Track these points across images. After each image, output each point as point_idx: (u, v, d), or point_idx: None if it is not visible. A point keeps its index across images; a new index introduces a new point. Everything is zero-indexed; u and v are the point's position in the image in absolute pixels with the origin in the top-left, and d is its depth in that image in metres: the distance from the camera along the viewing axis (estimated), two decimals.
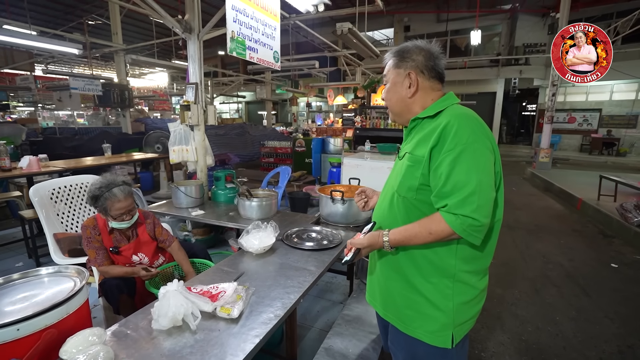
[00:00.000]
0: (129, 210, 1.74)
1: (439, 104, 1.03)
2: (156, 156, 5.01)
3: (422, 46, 1.05)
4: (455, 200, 0.90)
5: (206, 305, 1.27)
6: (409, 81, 1.05)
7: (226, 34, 1.98)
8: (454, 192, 0.90)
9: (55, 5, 10.05)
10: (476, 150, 0.91)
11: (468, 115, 0.97)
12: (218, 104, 20.46)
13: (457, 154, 0.90)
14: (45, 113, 13.34)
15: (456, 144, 0.91)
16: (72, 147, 6.02)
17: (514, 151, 14.25)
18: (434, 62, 1.04)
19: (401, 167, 1.06)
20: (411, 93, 1.05)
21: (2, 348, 1.02)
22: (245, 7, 2.03)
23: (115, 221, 1.73)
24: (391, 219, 1.10)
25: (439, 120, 0.97)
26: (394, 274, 1.11)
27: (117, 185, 1.70)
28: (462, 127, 0.92)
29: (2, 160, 3.14)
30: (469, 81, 13.97)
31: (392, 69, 1.08)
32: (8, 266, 3.07)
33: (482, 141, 0.93)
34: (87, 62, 7.53)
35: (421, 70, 1.04)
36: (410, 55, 1.05)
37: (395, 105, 1.11)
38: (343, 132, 7.61)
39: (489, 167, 0.93)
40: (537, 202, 6.04)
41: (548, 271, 3.29)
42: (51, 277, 1.31)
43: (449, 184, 0.91)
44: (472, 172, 0.90)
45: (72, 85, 6.23)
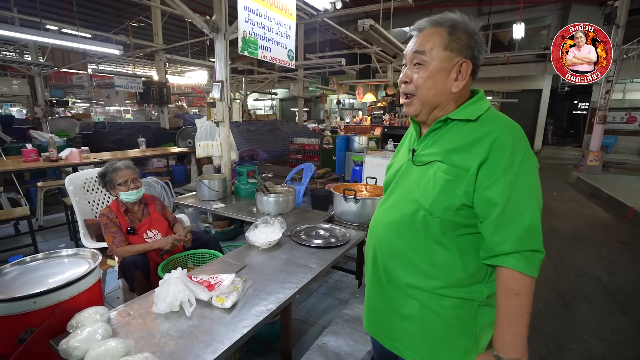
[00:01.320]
0: (133, 179, 1.99)
1: (476, 105, 0.85)
2: (186, 150, 5.27)
3: (473, 28, 0.84)
4: (518, 234, 0.77)
5: (203, 293, 1.34)
6: (457, 72, 0.84)
7: (243, 33, 2.05)
8: (514, 223, 0.77)
9: (108, 10, 10.93)
10: (530, 171, 0.79)
11: (517, 128, 0.83)
12: (252, 101, 21.03)
13: (515, 175, 0.77)
14: (98, 109, 14.56)
15: (512, 164, 0.77)
16: (116, 140, 6.51)
17: (561, 153, 13.20)
18: (480, 51, 0.85)
19: (430, 179, 0.85)
20: (458, 88, 0.85)
21: (21, 317, 1.15)
22: (258, 7, 2.08)
23: (123, 192, 1.95)
24: (410, 241, 0.89)
25: (485, 129, 0.81)
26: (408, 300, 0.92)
27: (119, 162, 2.02)
28: (518, 143, 0.79)
29: (51, 151, 3.50)
30: (510, 78, 13.12)
31: (440, 49, 0.82)
32: (52, 246, 3.42)
33: (533, 159, 0.81)
34: (133, 60, 8.11)
35: (473, 61, 0.84)
36: (466, 36, 0.82)
37: (434, 97, 0.86)
38: (371, 130, 7.51)
39: (539, 188, 0.82)
40: (580, 210, 5.56)
41: (582, 285, 3.04)
42: (70, 259, 1.44)
43: (507, 212, 0.77)
44: (532, 197, 0.78)
45: (117, 83, 6.75)
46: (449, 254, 0.85)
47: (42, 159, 3.61)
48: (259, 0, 2.10)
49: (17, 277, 1.30)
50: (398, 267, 0.92)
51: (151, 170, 5.86)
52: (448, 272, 0.86)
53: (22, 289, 1.22)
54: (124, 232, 1.91)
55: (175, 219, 2.23)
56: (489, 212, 0.78)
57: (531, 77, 13.16)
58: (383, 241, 0.95)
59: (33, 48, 7.35)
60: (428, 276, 0.87)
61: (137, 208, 2.05)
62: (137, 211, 2.05)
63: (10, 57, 9.18)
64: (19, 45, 9.22)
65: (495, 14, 12.71)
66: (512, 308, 0.78)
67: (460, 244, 0.85)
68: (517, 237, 0.76)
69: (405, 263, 0.90)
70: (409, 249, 0.89)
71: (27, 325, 1.15)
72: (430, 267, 0.87)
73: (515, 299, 0.78)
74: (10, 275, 1.31)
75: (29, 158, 3.56)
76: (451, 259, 0.85)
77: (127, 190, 1.97)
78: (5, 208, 3.51)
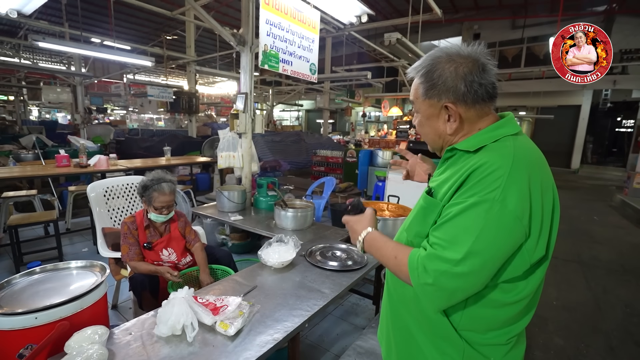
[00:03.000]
0: (168, 206, 1.94)
1: (485, 134, 0.77)
2: (209, 160, 5.35)
3: (457, 56, 0.76)
4: (435, 251, 0.72)
5: (207, 317, 1.26)
6: (447, 114, 0.79)
7: (263, 47, 2.03)
8: (442, 242, 0.72)
9: (148, 24, 11.63)
10: (499, 214, 0.66)
11: (519, 163, 0.69)
12: (278, 112, 21.39)
13: (471, 205, 0.68)
14: (133, 116, 15.35)
15: (478, 192, 0.68)
16: (146, 147, 6.76)
17: (601, 173, 12.31)
18: (482, 78, 0.74)
19: (416, 205, 0.88)
20: (452, 129, 0.80)
21: (22, 333, 1.12)
22: (281, 21, 2.05)
23: (155, 213, 1.90)
24: None
25: (474, 160, 0.73)
26: (398, 320, 0.92)
27: (166, 182, 1.93)
28: (501, 177, 0.67)
29: (81, 158, 3.65)
30: (546, 93, 12.50)
31: (422, 99, 0.82)
32: (76, 250, 3.52)
33: (520, 204, 0.67)
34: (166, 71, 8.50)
35: (462, 99, 0.76)
36: (443, 78, 0.76)
37: (433, 141, 0.87)
38: (396, 145, 7.34)
39: (502, 243, 0.68)
40: (626, 237, 5.07)
41: (631, 325, 2.70)
42: (79, 271, 1.42)
43: (443, 229, 0.73)
44: (472, 234, 0.67)
45: (149, 92, 7.07)
46: None
47: (72, 165, 3.76)
48: (282, 14, 2.08)
49: (25, 289, 1.29)
50: (396, 285, 0.93)
51: (176, 178, 5.99)
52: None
53: (28, 302, 1.20)
54: (140, 246, 1.89)
55: (196, 239, 2.08)
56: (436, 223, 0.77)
57: (569, 92, 12.48)
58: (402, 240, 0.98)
59: (77, 59, 7.87)
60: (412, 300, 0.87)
61: (159, 223, 2.02)
62: (159, 226, 2.01)
63: (58, 67, 9.92)
64: (66, 57, 9.93)
65: (531, 27, 12.25)
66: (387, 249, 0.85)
67: None
68: (430, 254, 0.73)
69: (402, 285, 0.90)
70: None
71: (28, 340, 1.13)
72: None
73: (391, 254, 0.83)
74: (18, 287, 1.30)
75: (61, 163, 3.72)
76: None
77: (159, 214, 1.93)
78: (38, 210, 3.67)
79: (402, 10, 10.82)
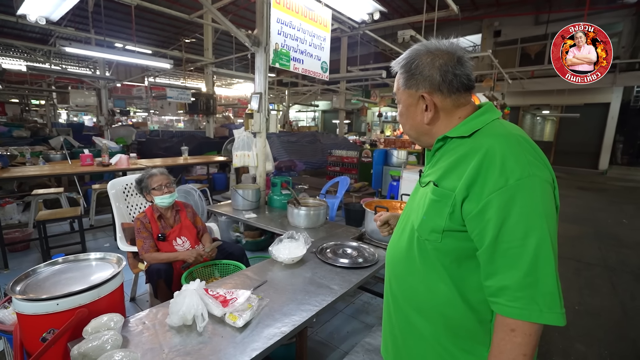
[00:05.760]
0: (167, 184, 2.05)
1: (474, 119, 0.79)
2: (225, 159, 5.46)
3: (435, 50, 0.81)
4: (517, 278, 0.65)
5: (217, 309, 1.29)
6: (424, 103, 0.83)
7: (274, 45, 2.06)
8: (511, 261, 0.67)
9: (169, 29, 12.00)
10: (534, 188, 0.66)
11: (513, 139, 0.72)
12: (294, 112, 21.53)
13: (510, 196, 0.66)
14: (154, 118, 15.85)
15: (506, 183, 0.66)
16: (165, 147, 6.97)
17: (633, 175, 11.68)
18: (456, 69, 0.78)
19: (423, 200, 0.83)
20: (429, 119, 0.83)
21: (44, 318, 1.19)
22: (292, 20, 2.08)
23: (158, 196, 2.02)
24: (409, 265, 0.86)
25: (477, 143, 0.74)
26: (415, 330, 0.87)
27: (154, 170, 2.10)
28: (510, 158, 0.68)
29: (103, 157, 3.81)
30: (571, 90, 11.97)
31: (402, 89, 0.86)
32: (99, 245, 3.67)
33: (540, 174, 0.68)
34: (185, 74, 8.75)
35: (438, 88, 0.80)
36: (420, 69, 0.81)
37: (412, 132, 0.91)
38: (412, 144, 7.25)
39: (553, 210, 0.69)
40: None
41: None
42: (98, 262, 1.49)
43: (501, 245, 0.67)
44: (538, 221, 0.65)
45: (169, 94, 7.29)
46: (444, 285, 0.80)
47: (95, 164, 3.94)
48: (293, 13, 2.11)
49: (48, 277, 1.36)
50: (401, 291, 0.90)
51: (193, 177, 6.14)
52: (448, 306, 0.80)
53: (50, 290, 1.26)
54: (154, 238, 1.97)
55: (204, 229, 2.25)
56: (481, 241, 0.70)
57: (596, 89, 11.90)
58: (390, 264, 0.95)
59: (101, 64, 8.21)
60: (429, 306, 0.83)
61: (169, 214, 2.12)
62: (169, 217, 2.11)
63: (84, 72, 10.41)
64: (92, 62, 10.39)
65: (555, 22, 11.79)
66: (506, 345, 0.68)
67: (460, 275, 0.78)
68: (517, 284, 0.66)
69: (407, 287, 0.88)
70: (410, 271, 0.87)
71: (50, 325, 1.19)
72: (430, 294, 0.82)
73: (510, 335, 0.68)
74: (42, 275, 1.37)
75: (85, 162, 3.90)
76: (448, 292, 0.79)
77: (162, 195, 2.04)
78: (65, 207, 3.85)
79: (419, 9, 10.67)
